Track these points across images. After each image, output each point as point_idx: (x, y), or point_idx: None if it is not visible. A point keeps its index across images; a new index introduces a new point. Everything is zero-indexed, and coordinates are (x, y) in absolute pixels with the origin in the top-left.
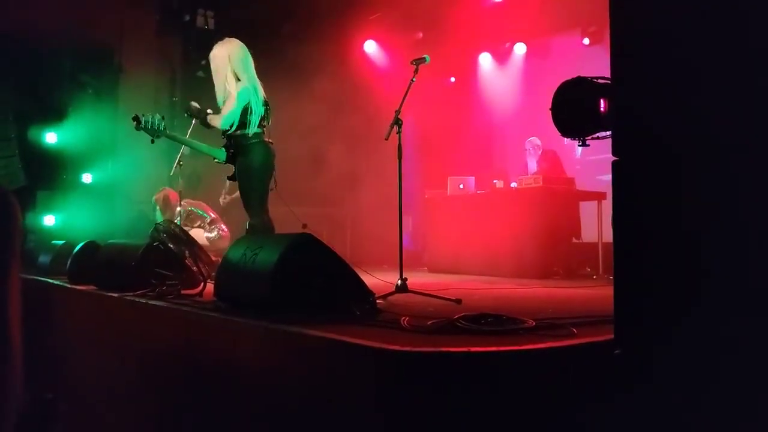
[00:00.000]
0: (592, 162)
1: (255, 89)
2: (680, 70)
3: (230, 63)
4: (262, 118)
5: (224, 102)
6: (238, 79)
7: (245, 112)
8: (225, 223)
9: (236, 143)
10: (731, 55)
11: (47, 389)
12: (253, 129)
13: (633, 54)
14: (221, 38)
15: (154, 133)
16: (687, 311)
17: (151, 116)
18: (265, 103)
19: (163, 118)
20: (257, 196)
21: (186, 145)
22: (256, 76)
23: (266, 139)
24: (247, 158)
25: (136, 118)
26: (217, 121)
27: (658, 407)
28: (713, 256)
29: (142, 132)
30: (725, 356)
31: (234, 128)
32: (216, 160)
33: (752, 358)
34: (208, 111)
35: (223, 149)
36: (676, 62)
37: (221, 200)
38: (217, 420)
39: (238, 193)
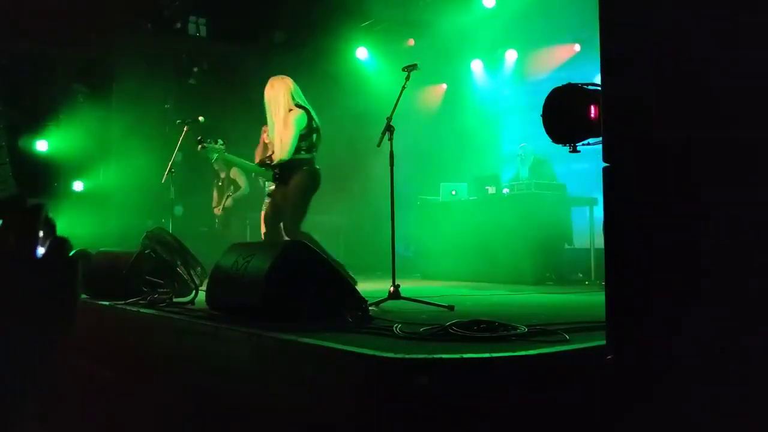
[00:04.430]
0: None
1: (303, 116)
2: (671, 76)
3: (276, 100)
4: (312, 144)
5: (274, 134)
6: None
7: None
8: None
9: (284, 167)
10: (723, 58)
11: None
12: (301, 154)
13: (623, 60)
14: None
15: (213, 154)
16: (679, 317)
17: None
18: (316, 130)
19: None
20: (296, 217)
21: (239, 166)
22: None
23: (315, 166)
24: (293, 180)
25: (199, 141)
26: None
27: (652, 413)
28: (705, 261)
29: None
30: (718, 360)
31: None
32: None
33: (743, 361)
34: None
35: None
36: (666, 67)
37: (217, 210)
38: (209, 429)
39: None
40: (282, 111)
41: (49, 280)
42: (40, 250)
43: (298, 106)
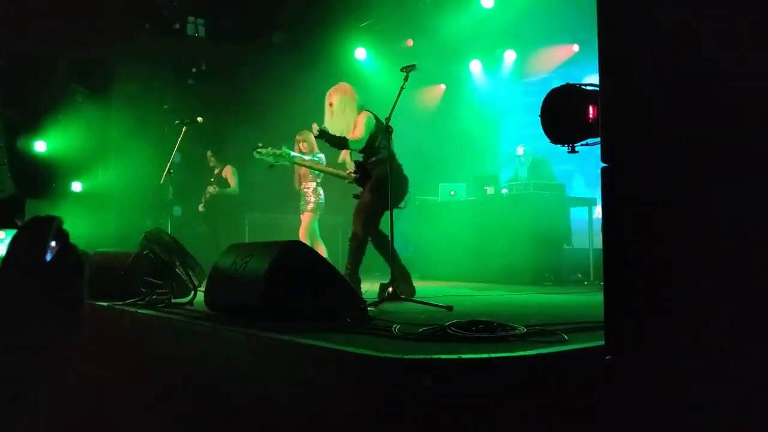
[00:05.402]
0: None
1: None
2: (669, 76)
3: (344, 107)
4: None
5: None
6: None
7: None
8: None
9: (365, 167)
10: (723, 57)
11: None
12: (381, 153)
13: (622, 59)
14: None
15: (269, 159)
16: (679, 317)
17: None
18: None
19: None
20: (365, 213)
21: (318, 170)
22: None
23: (397, 162)
24: (373, 178)
25: (257, 148)
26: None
27: (652, 413)
28: (705, 261)
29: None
30: (718, 360)
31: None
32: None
33: (743, 361)
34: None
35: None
36: (666, 67)
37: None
38: (209, 429)
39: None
40: (350, 118)
41: (51, 283)
42: (49, 258)
43: (363, 109)
